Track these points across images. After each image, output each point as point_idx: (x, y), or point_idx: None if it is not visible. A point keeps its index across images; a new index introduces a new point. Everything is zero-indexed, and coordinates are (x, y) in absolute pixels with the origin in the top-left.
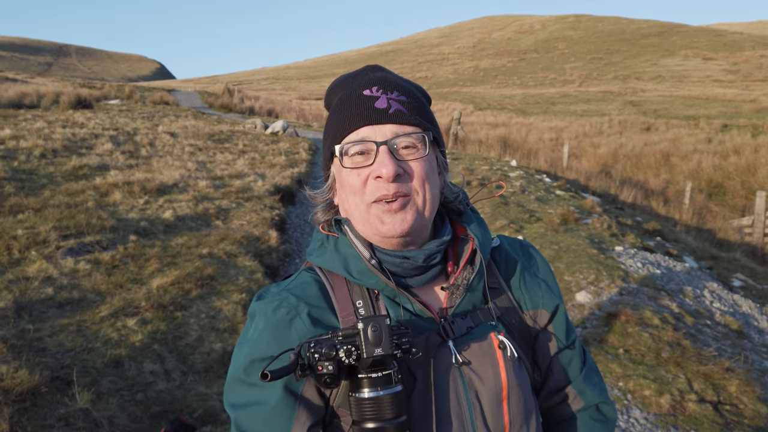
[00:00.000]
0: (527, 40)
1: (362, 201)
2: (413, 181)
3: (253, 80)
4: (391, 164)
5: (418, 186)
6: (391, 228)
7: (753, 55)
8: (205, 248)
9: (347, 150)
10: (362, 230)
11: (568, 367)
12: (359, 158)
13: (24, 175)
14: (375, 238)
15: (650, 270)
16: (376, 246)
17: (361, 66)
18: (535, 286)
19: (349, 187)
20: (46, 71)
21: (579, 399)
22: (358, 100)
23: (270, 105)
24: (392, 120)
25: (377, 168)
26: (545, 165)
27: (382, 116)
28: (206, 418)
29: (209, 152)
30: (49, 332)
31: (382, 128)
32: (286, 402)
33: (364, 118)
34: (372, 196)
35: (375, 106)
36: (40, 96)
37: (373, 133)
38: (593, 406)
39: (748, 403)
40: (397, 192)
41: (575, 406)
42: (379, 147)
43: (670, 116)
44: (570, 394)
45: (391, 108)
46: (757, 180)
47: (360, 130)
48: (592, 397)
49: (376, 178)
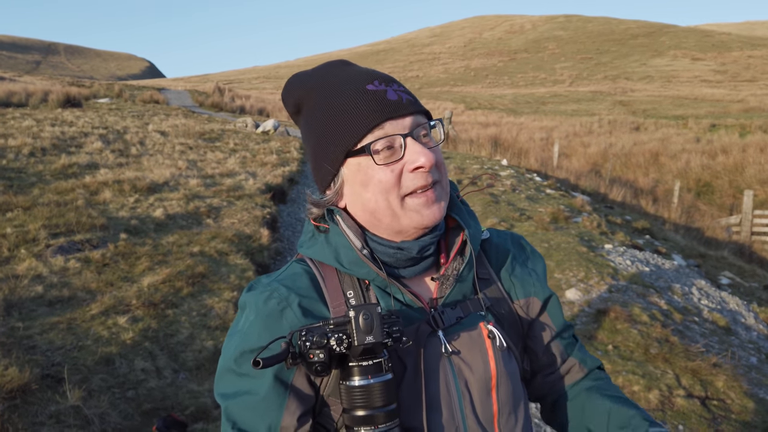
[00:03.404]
0: (518, 40)
1: (397, 196)
2: (438, 168)
3: (243, 79)
4: (429, 152)
5: (441, 172)
6: (430, 218)
7: (741, 56)
8: (196, 246)
9: (375, 147)
10: (390, 224)
11: (566, 346)
12: (387, 153)
13: (13, 173)
14: (408, 230)
15: (639, 268)
16: (369, 235)
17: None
18: (525, 275)
19: (380, 185)
20: (34, 69)
21: (581, 366)
22: (368, 96)
23: (261, 104)
24: (409, 111)
25: (414, 158)
26: (536, 164)
27: (399, 108)
28: (198, 415)
29: (200, 151)
30: (39, 330)
31: (401, 121)
32: (276, 391)
33: (384, 112)
34: (407, 188)
35: (388, 98)
36: (29, 94)
37: (396, 127)
38: (594, 369)
39: (735, 398)
40: (433, 180)
41: (581, 374)
42: (405, 139)
43: (659, 116)
44: (573, 364)
45: (402, 99)
46: (744, 179)
47: (383, 124)
48: (592, 363)
49: (415, 169)
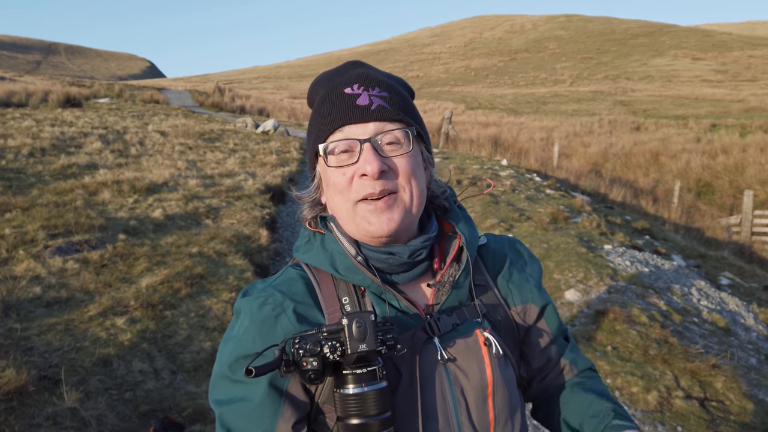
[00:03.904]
0: (518, 39)
1: (348, 199)
2: (399, 177)
3: (244, 79)
4: (376, 161)
5: (404, 182)
6: (378, 228)
7: (741, 56)
8: (195, 247)
9: (331, 149)
10: (349, 229)
11: (560, 349)
12: (344, 156)
13: (12, 173)
14: (361, 237)
15: (638, 268)
16: (361, 243)
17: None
18: (523, 282)
19: (334, 186)
20: (34, 69)
21: (572, 367)
22: (340, 99)
23: (261, 104)
24: (374, 117)
25: (362, 166)
26: (536, 164)
27: (364, 114)
28: (195, 416)
29: (199, 151)
30: (36, 331)
31: (364, 126)
32: (271, 398)
33: (346, 116)
34: (358, 194)
35: (356, 103)
36: (29, 94)
37: (356, 131)
38: (586, 369)
39: (734, 400)
40: (383, 189)
41: (571, 374)
42: (362, 144)
43: (660, 116)
44: (564, 365)
45: (372, 104)
46: (744, 179)
47: (343, 128)
48: (582, 364)
49: (362, 176)
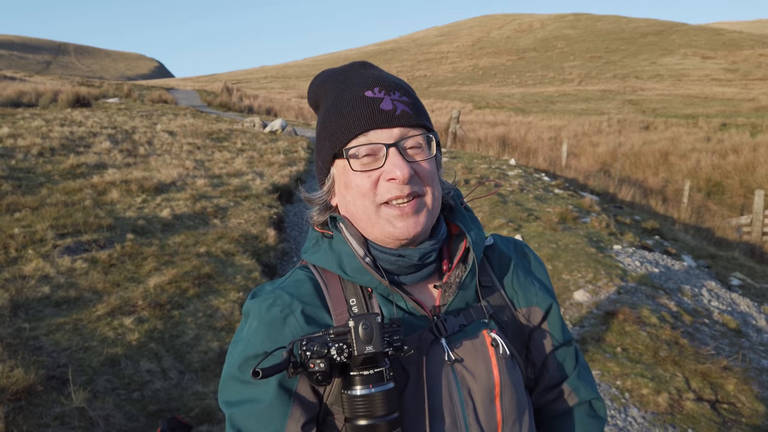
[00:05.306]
0: (526, 38)
1: (372, 202)
2: (423, 181)
3: (252, 79)
4: (405, 166)
5: (427, 186)
6: (403, 230)
7: (752, 54)
8: (203, 247)
9: (354, 153)
10: (369, 232)
11: (563, 364)
12: (367, 160)
13: (21, 173)
14: (383, 239)
15: (648, 269)
16: (371, 243)
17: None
18: (528, 284)
19: (357, 189)
20: (44, 70)
21: (573, 395)
22: (362, 102)
23: (269, 104)
24: (400, 122)
25: (390, 170)
26: (544, 164)
27: (389, 119)
28: (203, 416)
29: (207, 151)
30: (45, 331)
31: (390, 131)
32: (280, 399)
33: (373, 121)
34: (383, 197)
35: (381, 108)
36: (39, 94)
37: (382, 136)
38: (586, 403)
39: (746, 402)
40: (411, 192)
41: (569, 402)
42: (388, 149)
43: (669, 115)
44: (565, 390)
45: (397, 110)
46: (755, 179)
47: (368, 133)
48: (586, 394)
49: (389, 179)
